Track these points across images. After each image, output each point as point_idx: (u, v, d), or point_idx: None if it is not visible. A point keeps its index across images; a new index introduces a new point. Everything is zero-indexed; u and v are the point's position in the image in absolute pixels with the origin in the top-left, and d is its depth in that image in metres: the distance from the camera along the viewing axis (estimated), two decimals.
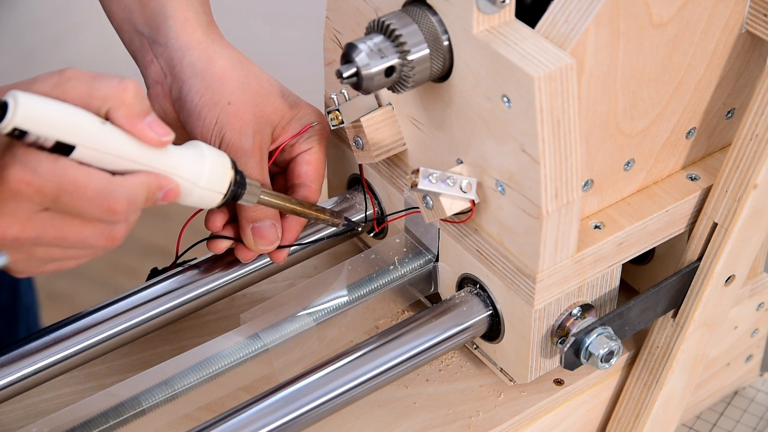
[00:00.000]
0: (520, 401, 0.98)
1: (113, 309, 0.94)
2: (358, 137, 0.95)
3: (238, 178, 0.86)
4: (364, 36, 0.87)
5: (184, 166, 0.82)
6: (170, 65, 0.95)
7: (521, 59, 0.82)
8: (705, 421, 1.12)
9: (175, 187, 0.81)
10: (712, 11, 0.89)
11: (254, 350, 0.93)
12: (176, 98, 0.95)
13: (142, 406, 0.89)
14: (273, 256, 0.96)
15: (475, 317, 0.94)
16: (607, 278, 0.95)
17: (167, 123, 0.95)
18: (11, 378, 0.89)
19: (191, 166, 0.82)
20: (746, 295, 1.07)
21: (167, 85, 0.95)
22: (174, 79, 0.94)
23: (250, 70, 0.95)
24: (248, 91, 0.94)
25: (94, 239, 0.79)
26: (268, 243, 0.94)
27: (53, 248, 0.79)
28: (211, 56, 0.94)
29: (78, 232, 0.78)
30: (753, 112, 0.91)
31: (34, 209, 0.76)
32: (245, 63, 0.95)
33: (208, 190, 0.84)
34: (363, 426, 0.96)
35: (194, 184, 0.83)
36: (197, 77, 0.93)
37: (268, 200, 0.90)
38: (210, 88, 0.93)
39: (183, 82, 0.94)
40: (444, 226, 0.96)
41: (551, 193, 0.85)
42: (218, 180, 0.84)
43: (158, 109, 0.96)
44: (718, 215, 0.94)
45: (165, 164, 0.80)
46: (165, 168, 0.81)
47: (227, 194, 0.85)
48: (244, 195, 0.87)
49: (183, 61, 0.94)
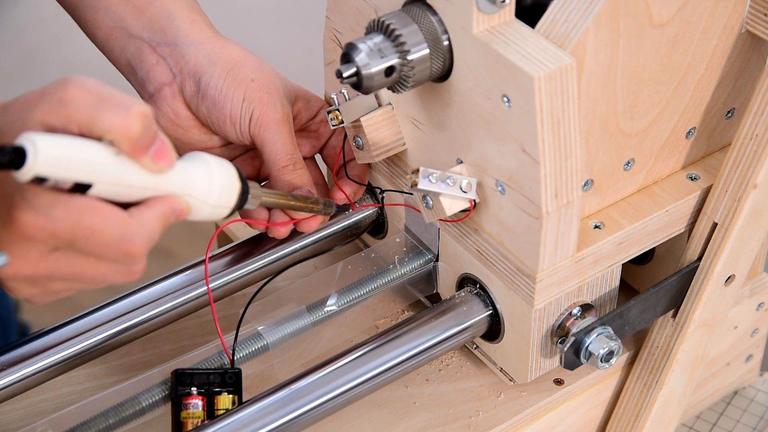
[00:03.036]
0: (520, 401, 0.98)
1: (113, 309, 0.94)
2: (358, 137, 0.96)
3: (245, 189, 0.84)
4: (364, 36, 0.87)
5: (195, 185, 0.79)
6: (181, 62, 0.96)
7: (521, 59, 0.82)
8: (705, 421, 1.12)
9: (186, 207, 0.79)
10: (712, 11, 0.89)
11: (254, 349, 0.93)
12: (192, 94, 0.96)
13: (141, 405, 0.89)
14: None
15: (475, 317, 0.94)
16: (607, 278, 0.95)
17: (179, 122, 0.96)
18: (11, 378, 0.89)
19: (202, 184, 0.80)
20: (746, 295, 1.07)
21: (177, 85, 0.96)
22: (188, 74, 0.96)
23: (260, 59, 0.98)
24: (265, 72, 0.96)
25: (112, 276, 0.76)
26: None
27: (72, 283, 0.76)
28: (225, 46, 0.97)
29: (95, 269, 0.75)
30: (753, 112, 0.91)
31: (46, 250, 0.73)
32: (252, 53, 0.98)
33: (218, 206, 0.82)
34: (363, 426, 0.96)
35: (204, 202, 0.80)
36: (216, 65, 0.95)
37: (269, 200, 0.90)
38: (231, 71, 0.95)
39: (201, 73, 0.95)
40: (444, 225, 0.96)
41: (551, 193, 0.85)
42: (227, 195, 0.82)
43: (168, 111, 0.96)
44: (718, 215, 0.94)
45: (176, 185, 0.78)
46: (176, 189, 0.78)
47: (234, 207, 0.84)
48: (248, 200, 0.86)
49: (198, 55, 0.95)
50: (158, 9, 0.96)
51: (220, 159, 0.83)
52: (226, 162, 0.83)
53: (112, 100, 0.72)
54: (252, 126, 0.95)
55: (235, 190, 0.83)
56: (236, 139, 0.96)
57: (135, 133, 0.72)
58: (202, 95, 0.95)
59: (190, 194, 0.79)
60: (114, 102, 0.72)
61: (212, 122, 0.96)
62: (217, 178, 0.81)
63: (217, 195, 0.81)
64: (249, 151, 1.00)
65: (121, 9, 0.97)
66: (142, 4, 0.97)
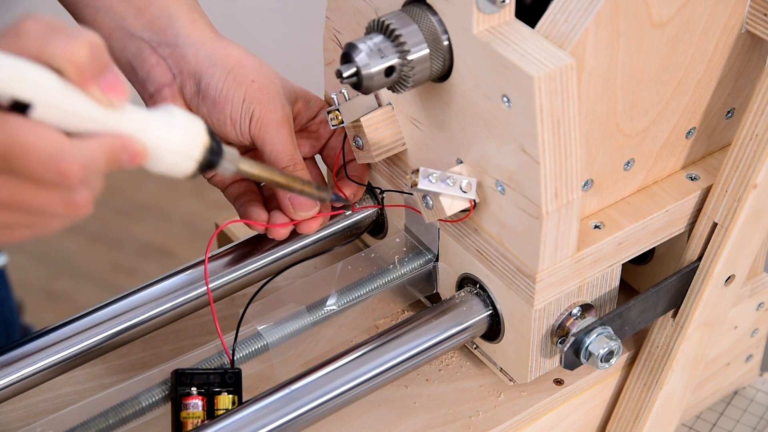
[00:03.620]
0: (520, 401, 0.98)
1: (113, 309, 0.94)
2: (358, 137, 0.96)
3: (214, 146, 0.79)
4: (364, 36, 0.87)
5: (153, 129, 0.76)
6: (182, 63, 0.96)
7: (521, 59, 0.82)
8: (705, 421, 1.12)
9: (142, 150, 0.75)
10: (712, 11, 0.89)
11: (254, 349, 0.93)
12: (192, 94, 0.96)
13: (141, 405, 0.89)
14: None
15: (475, 317, 0.94)
16: (607, 278, 0.95)
17: None
18: (11, 378, 0.89)
19: (160, 127, 0.76)
20: (746, 295, 1.07)
21: (177, 85, 0.96)
22: (188, 75, 0.96)
23: (260, 60, 0.98)
24: (265, 73, 0.97)
25: (52, 205, 0.74)
26: (308, 209, 0.95)
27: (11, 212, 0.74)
28: (225, 47, 0.97)
29: (33, 196, 0.73)
30: (753, 112, 0.91)
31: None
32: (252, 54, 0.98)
33: (180, 154, 0.77)
34: (363, 426, 0.96)
35: (163, 147, 0.76)
36: (216, 66, 0.95)
37: (248, 170, 0.84)
38: (231, 71, 0.95)
39: (202, 74, 0.95)
40: (444, 225, 0.96)
41: (551, 193, 0.85)
42: (191, 144, 0.78)
43: None
44: (718, 215, 0.94)
45: (132, 126, 0.74)
46: (131, 130, 0.74)
47: (202, 161, 0.78)
48: (222, 163, 0.80)
49: (198, 56, 0.96)
50: (159, 9, 0.97)
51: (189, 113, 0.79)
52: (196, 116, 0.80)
53: (64, 30, 0.72)
54: (252, 127, 0.95)
55: (200, 140, 0.78)
56: (236, 140, 0.96)
57: (81, 59, 0.71)
58: (203, 96, 0.95)
59: (147, 137, 0.76)
60: (65, 31, 0.72)
61: (212, 123, 0.96)
62: (179, 123, 0.77)
63: (178, 141, 0.77)
64: (249, 152, 1.00)
65: (121, 9, 0.97)
66: (143, 4, 0.97)
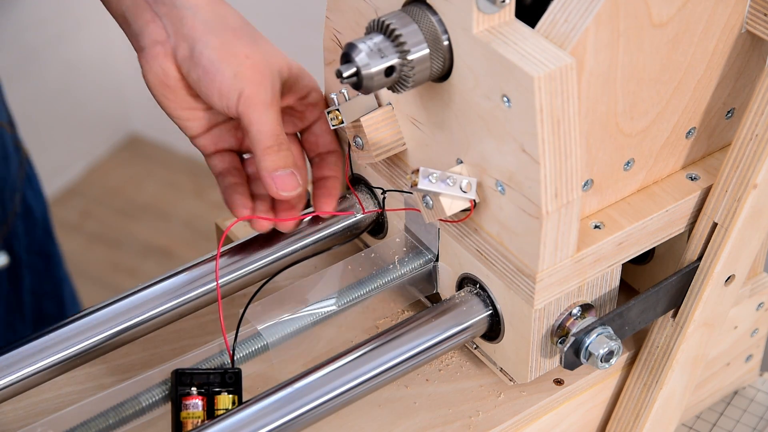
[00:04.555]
0: (520, 401, 0.98)
1: (113, 309, 0.94)
2: (358, 137, 0.96)
3: None
4: (364, 36, 0.87)
5: None
6: (178, 24, 0.94)
7: (521, 59, 0.82)
8: (705, 421, 1.12)
9: None
10: (712, 11, 0.89)
11: (254, 349, 0.93)
12: (184, 57, 0.94)
13: (141, 405, 0.89)
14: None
15: (475, 317, 0.94)
16: (607, 278, 0.95)
17: (167, 83, 0.94)
18: (11, 378, 0.89)
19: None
20: (746, 295, 1.07)
21: (170, 45, 0.94)
22: (182, 38, 0.94)
23: (256, 30, 0.96)
24: (261, 48, 0.95)
25: None
26: (291, 189, 0.94)
27: None
28: (223, 14, 0.95)
29: None
30: (753, 112, 0.91)
31: None
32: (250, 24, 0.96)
33: None
34: (363, 426, 0.96)
35: None
36: (212, 33, 0.93)
37: None
38: (226, 43, 0.93)
39: (196, 39, 0.93)
40: (444, 225, 0.96)
41: (551, 193, 0.85)
42: None
43: (158, 69, 0.94)
44: (718, 215, 0.94)
45: None
46: None
47: None
48: None
49: (195, 20, 0.94)
50: None
51: None
52: None
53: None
54: (240, 104, 0.93)
55: None
56: (222, 110, 0.94)
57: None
58: (195, 62, 0.93)
59: None
60: None
61: (200, 90, 0.94)
62: None
63: None
64: (233, 120, 0.99)
65: None
66: None
